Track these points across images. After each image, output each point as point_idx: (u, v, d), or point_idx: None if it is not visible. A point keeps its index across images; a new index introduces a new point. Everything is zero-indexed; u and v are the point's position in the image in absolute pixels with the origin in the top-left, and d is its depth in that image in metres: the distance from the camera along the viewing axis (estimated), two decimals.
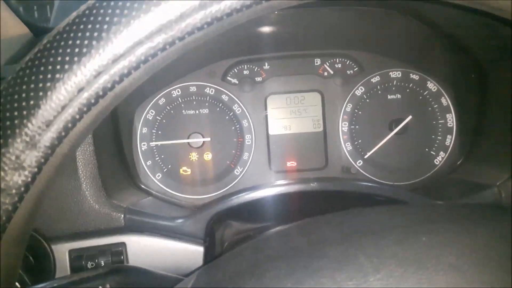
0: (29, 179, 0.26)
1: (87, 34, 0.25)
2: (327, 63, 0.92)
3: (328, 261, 0.31)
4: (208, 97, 0.90)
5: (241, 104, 0.90)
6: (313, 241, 0.36)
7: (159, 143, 0.89)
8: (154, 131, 0.89)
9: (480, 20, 0.60)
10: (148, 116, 0.88)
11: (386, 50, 0.91)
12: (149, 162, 0.88)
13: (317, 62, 0.92)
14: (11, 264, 0.29)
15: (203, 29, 0.26)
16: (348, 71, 0.92)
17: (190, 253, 0.72)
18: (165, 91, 0.88)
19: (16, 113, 0.25)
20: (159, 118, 0.89)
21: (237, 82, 0.91)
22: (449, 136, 0.92)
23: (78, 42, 0.25)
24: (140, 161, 0.88)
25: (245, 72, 0.91)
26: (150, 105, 0.88)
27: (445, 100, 0.92)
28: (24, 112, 0.25)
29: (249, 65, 0.91)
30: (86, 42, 0.25)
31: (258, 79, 0.92)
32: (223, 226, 0.87)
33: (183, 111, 0.90)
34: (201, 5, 0.25)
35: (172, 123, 0.89)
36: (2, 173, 0.25)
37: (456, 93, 0.92)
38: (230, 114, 0.91)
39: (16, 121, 0.25)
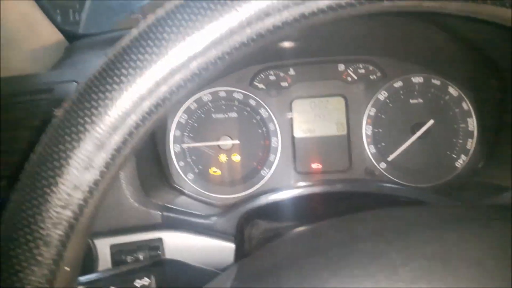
0: (98, 177, 0.30)
1: (147, 49, 0.29)
2: (350, 68, 0.96)
3: (361, 255, 0.35)
4: (236, 102, 0.95)
5: (267, 108, 0.95)
6: (346, 237, 0.40)
7: (191, 145, 0.94)
8: (186, 133, 0.94)
9: (497, 29, 0.62)
10: (181, 119, 0.93)
11: (408, 55, 0.94)
12: (181, 163, 0.93)
13: (340, 68, 0.96)
14: (79, 254, 0.34)
15: (249, 45, 0.31)
16: (371, 76, 0.96)
17: (222, 249, 0.77)
18: (197, 97, 0.93)
19: (87, 119, 0.30)
20: (191, 122, 0.94)
21: (264, 87, 0.95)
22: (470, 140, 0.94)
23: (139, 57, 0.29)
24: (173, 162, 0.93)
25: (272, 77, 0.95)
26: (182, 110, 0.93)
27: (466, 105, 0.94)
28: (95, 119, 0.30)
29: (275, 71, 0.96)
30: (145, 57, 0.29)
31: (284, 84, 0.96)
32: (250, 225, 0.91)
33: (213, 115, 0.94)
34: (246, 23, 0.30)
35: (203, 126, 0.94)
36: (76, 172, 0.30)
37: (477, 97, 0.94)
38: (258, 118, 0.95)
39: (87, 126, 0.30)
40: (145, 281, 0.57)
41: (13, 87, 0.82)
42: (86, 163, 0.30)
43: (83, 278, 0.63)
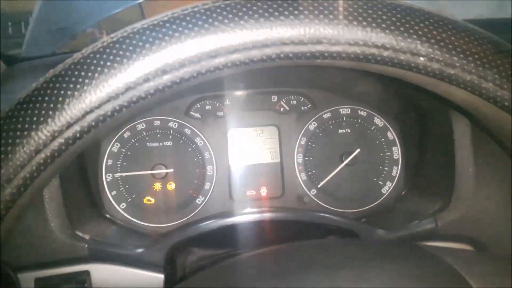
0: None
1: (43, 106, 0.31)
2: (283, 100, 1.00)
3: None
4: (171, 131, 0.96)
5: (203, 137, 0.96)
6: (266, 269, 0.43)
7: (124, 174, 0.93)
8: (119, 162, 0.93)
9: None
10: (113, 148, 0.93)
11: (337, 89, 0.99)
12: (114, 192, 0.92)
13: (274, 99, 1.00)
14: None
15: (146, 98, 0.33)
16: (302, 107, 1.00)
17: (151, 280, 0.77)
18: (130, 125, 0.94)
19: None
20: (124, 150, 0.94)
21: (199, 116, 0.97)
22: (395, 167, 1.01)
23: (35, 112, 0.31)
24: (106, 191, 0.92)
25: (208, 107, 0.98)
26: (115, 138, 0.93)
27: (391, 134, 1.01)
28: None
29: (211, 100, 0.98)
30: (42, 113, 0.31)
31: (220, 113, 0.98)
32: (185, 253, 0.91)
33: (147, 143, 0.95)
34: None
35: (137, 155, 0.94)
36: None
37: (401, 128, 1.01)
38: (193, 146, 0.96)
39: None
40: None
41: None
42: None
43: None
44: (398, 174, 1.00)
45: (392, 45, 0.34)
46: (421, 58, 0.34)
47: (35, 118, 0.30)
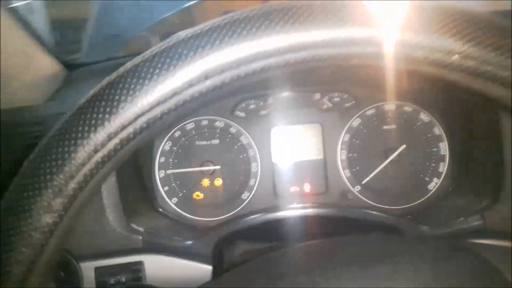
0: (58, 219, 0.36)
1: (112, 101, 0.35)
2: (326, 97, 1.01)
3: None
4: (218, 129, 1.01)
5: (248, 135, 1.00)
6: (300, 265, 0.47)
7: (175, 170, 0.99)
8: (171, 160, 1.00)
9: None
10: (165, 147, 0.99)
11: (381, 85, 0.98)
12: (166, 188, 0.99)
13: (317, 97, 1.01)
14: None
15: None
16: (345, 104, 1.01)
17: (200, 271, 0.82)
18: (180, 125, 0.99)
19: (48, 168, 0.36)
20: (175, 149, 1.00)
21: (244, 115, 1.01)
22: (442, 163, 0.99)
23: (107, 105, 0.35)
24: (159, 187, 0.99)
25: (252, 106, 1.01)
26: (167, 137, 0.99)
27: (438, 130, 0.99)
28: (54, 168, 0.35)
29: (255, 100, 1.01)
30: (99, 116, 0.35)
31: (263, 112, 1.01)
32: (232, 247, 0.96)
33: (196, 142, 1.00)
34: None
35: (187, 152, 1.00)
36: (37, 215, 0.36)
37: (447, 123, 0.98)
38: (238, 144, 1.01)
39: (48, 176, 0.35)
40: None
41: (11, 120, 0.88)
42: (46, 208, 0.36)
43: None
44: (445, 170, 0.98)
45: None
46: (456, 56, 0.35)
47: (93, 122, 0.35)
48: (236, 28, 0.36)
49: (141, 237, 0.80)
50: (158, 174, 0.99)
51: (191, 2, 1.49)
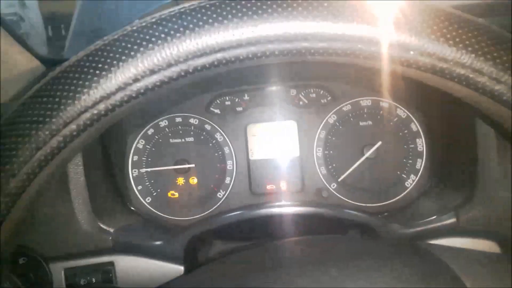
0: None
1: (80, 81, 0.33)
2: (302, 93, 1.00)
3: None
4: (192, 127, 0.99)
5: (223, 133, 0.99)
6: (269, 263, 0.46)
7: (149, 169, 0.98)
8: (144, 158, 0.98)
9: None
10: (139, 145, 0.97)
11: (357, 81, 0.98)
12: (139, 187, 0.97)
13: (292, 93, 1.00)
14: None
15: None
16: (322, 100, 1.00)
17: (171, 271, 0.80)
18: (154, 123, 0.98)
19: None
20: (149, 147, 0.98)
21: (219, 112, 0.99)
22: (419, 160, 0.98)
23: (71, 86, 0.33)
24: (132, 186, 0.97)
25: (227, 103, 1.00)
26: (140, 135, 0.97)
27: (415, 126, 0.98)
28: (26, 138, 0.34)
29: (231, 96, 1.00)
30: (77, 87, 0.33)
31: (239, 109, 1.00)
32: (207, 247, 0.94)
33: (170, 139, 0.99)
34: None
35: (161, 151, 0.98)
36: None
37: (425, 119, 0.98)
38: (213, 142, 0.99)
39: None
40: None
41: None
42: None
43: None
44: (422, 167, 0.97)
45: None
46: (411, 52, 0.34)
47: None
48: (183, 20, 0.34)
49: (111, 237, 0.79)
50: (132, 173, 0.97)
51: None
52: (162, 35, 0.33)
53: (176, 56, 0.34)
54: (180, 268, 0.81)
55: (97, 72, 0.34)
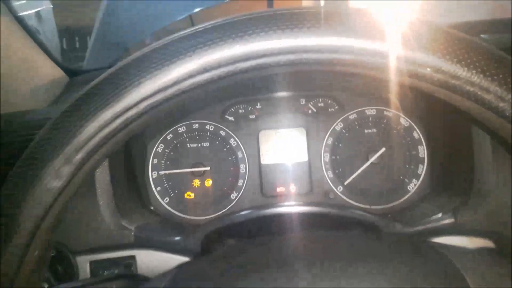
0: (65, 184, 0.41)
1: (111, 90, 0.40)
2: (311, 102, 1.07)
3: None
4: (208, 133, 1.06)
5: (236, 138, 1.06)
6: (274, 256, 0.50)
7: (167, 171, 1.05)
8: (163, 161, 1.05)
9: None
10: (158, 149, 1.05)
11: (363, 92, 1.04)
12: (158, 188, 1.04)
13: (302, 102, 1.07)
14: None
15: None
16: (329, 109, 1.07)
17: None
18: (172, 128, 1.05)
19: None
20: (167, 151, 1.05)
21: (233, 119, 1.07)
22: (421, 166, 1.04)
23: (106, 95, 0.40)
24: (152, 187, 1.04)
25: (241, 111, 1.07)
26: (160, 140, 1.05)
27: (417, 134, 1.04)
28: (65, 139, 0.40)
29: (244, 105, 1.07)
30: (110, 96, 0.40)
31: (252, 116, 1.07)
32: (220, 244, 1.01)
33: (188, 144, 1.06)
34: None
35: (178, 154, 1.06)
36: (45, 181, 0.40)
37: (426, 127, 1.04)
38: (228, 147, 1.06)
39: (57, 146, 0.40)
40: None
41: (12, 123, 0.93)
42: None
43: (63, 285, 0.74)
44: (423, 172, 1.03)
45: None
46: (428, 69, 0.39)
47: (105, 101, 0.40)
48: (227, 30, 0.40)
49: (133, 233, 0.86)
50: (151, 175, 1.04)
51: (188, 13, 1.55)
52: (216, 40, 0.39)
53: (225, 59, 0.40)
54: None
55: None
